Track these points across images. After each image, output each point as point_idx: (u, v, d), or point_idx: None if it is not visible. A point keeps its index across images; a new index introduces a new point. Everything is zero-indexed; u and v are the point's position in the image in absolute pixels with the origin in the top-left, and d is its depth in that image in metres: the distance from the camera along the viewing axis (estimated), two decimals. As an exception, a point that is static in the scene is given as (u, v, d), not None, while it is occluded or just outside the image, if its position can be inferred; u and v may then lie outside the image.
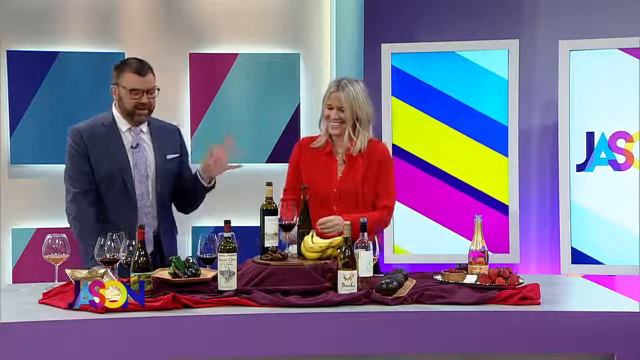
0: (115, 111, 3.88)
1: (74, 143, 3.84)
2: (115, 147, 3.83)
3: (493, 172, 4.88)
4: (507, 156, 4.86)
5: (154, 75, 3.85)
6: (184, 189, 3.99)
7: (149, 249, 3.83)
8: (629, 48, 4.73)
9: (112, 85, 3.86)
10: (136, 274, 3.08)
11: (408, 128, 4.90)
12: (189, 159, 4.15)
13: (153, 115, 3.93)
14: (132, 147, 3.86)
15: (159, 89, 3.87)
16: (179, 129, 4.08)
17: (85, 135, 3.83)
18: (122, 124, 3.87)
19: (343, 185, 3.84)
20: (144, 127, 3.91)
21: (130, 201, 3.83)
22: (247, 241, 3.40)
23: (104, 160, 3.82)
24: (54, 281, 3.38)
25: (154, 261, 3.49)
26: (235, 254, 3.17)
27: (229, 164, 3.88)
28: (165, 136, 3.96)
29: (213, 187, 3.97)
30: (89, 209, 3.79)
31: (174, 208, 4.07)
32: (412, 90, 4.94)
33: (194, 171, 3.98)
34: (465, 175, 4.92)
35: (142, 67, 3.81)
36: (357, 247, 3.23)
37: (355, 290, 3.13)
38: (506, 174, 4.87)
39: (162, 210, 3.93)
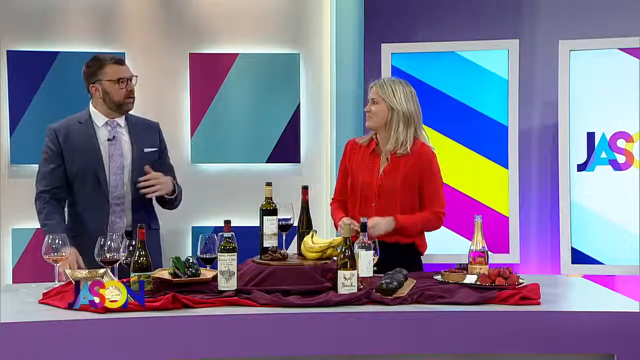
0: (92, 108, 3.97)
1: (50, 142, 3.93)
2: (89, 143, 3.91)
3: (493, 184, 4.89)
4: (506, 167, 4.87)
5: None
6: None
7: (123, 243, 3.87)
8: (629, 48, 4.73)
9: (91, 85, 3.95)
10: (136, 274, 3.08)
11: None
12: (168, 155, 4.17)
13: (133, 112, 4.03)
14: (108, 139, 3.92)
15: (137, 77, 3.99)
16: (158, 125, 4.15)
17: (60, 134, 3.92)
18: (99, 120, 3.95)
19: (384, 183, 3.83)
20: (121, 121, 3.98)
21: (102, 196, 3.89)
22: (247, 241, 3.40)
23: (78, 157, 3.90)
24: (54, 281, 3.38)
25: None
26: (235, 254, 3.16)
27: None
28: (144, 130, 4.04)
29: (176, 199, 4.01)
30: (53, 208, 3.86)
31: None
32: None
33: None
34: (466, 188, 4.92)
35: (118, 58, 3.98)
36: (357, 247, 3.23)
37: (355, 290, 3.13)
38: (506, 184, 4.87)
39: (138, 202, 3.95)
